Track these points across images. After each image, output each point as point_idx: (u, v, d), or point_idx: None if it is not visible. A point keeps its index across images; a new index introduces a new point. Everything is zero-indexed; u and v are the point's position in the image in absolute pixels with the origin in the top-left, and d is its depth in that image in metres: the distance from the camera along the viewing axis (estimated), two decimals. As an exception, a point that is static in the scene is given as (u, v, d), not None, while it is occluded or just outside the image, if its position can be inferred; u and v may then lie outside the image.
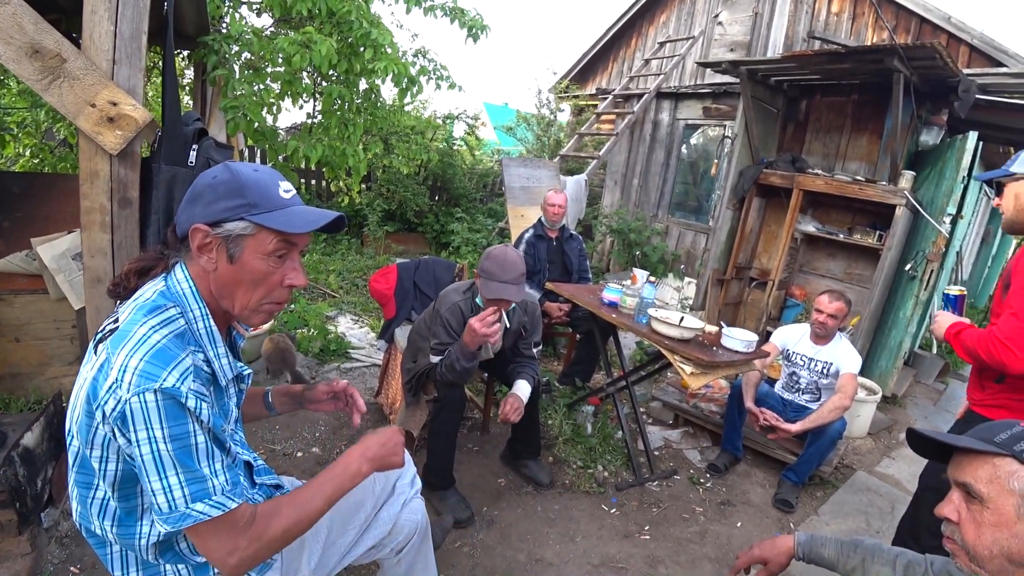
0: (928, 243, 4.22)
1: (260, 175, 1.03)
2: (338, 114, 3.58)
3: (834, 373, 3.05)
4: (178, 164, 1.65)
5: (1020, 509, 0.86)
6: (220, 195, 0.98)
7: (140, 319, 0.95)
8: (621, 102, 7.05)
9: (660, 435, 3.54)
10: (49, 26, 1.41)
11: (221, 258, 1.00)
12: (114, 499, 0.99)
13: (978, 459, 0.92)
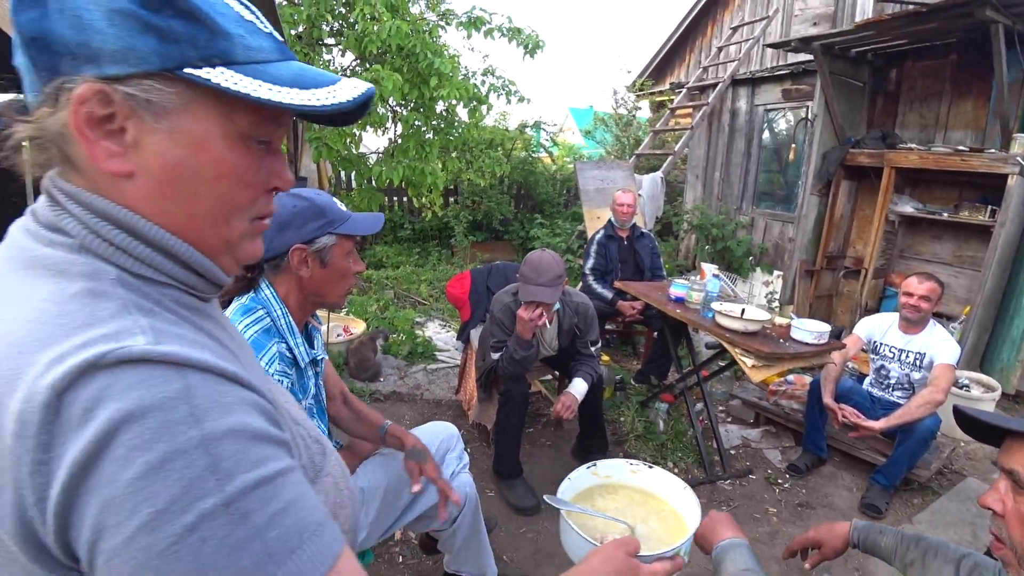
0: (1052, 216, 3.78)
1: (324, 197, 1.34)
2: (415, 137, 3.91)
3: (928, 365, 2.82)
4: None
5: None
6: (307, 219, 1.28)
7: (238, 320, 1.25)
8: (697, 94, 6.89)
9: (739, 434, 3.48)
10: None
11: (315, 266, 1.29)
12: None
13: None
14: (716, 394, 3.90)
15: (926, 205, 4.64)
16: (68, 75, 0.45)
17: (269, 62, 0.51)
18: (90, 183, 0.49)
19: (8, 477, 0.40)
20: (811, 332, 2.62)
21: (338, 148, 3.22)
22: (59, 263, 0.47)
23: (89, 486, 0.39)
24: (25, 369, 0.41)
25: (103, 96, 0.45)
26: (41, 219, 0.49)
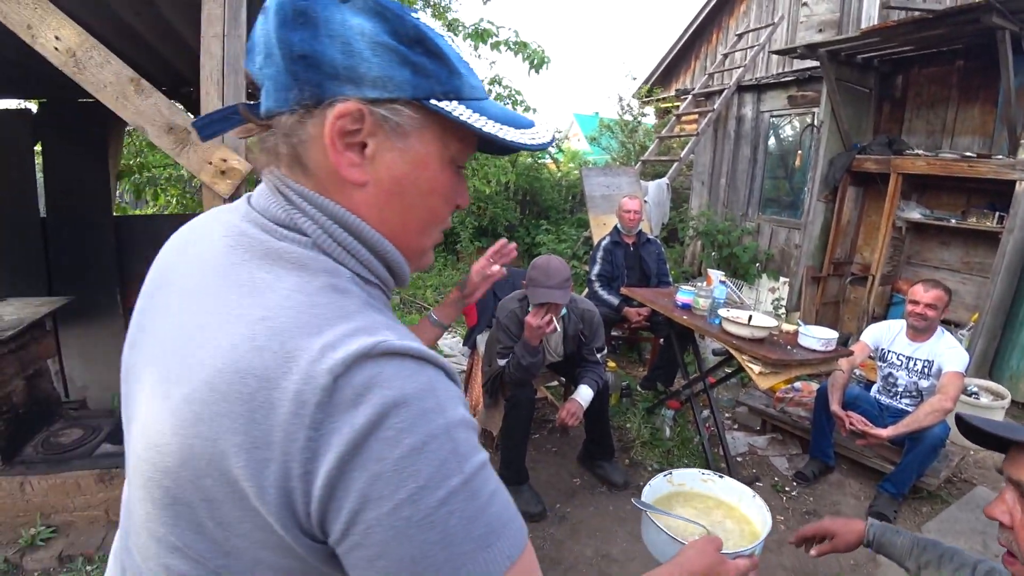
0: (1060, 223, 3.76)
1: None
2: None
3: (936, 373, 2.81)
4: None
5: None
6: None
7: None
8: (703, 100, 6.90)
9: (745, 441, 3.46)
10: (179, 108, 1.84)
11: None
12: None
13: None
14: (722, 401, 3.89)
15: (933, 211, 4.62)
16: (332, 92, 0.51)
17: (482, 99, 0.57)
18: (319, 186, 0.55)
19: (276, 451, 0.44)
20: (819, 339, 2.61)
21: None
22: (300, 258, 0.52)
23: (359, 462, 0.44)
24: (298, 353, 0.45)
25: (358, 114, 0.51)
26: (270, 215, 0.54)
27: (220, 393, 0.46)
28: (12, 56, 2.37)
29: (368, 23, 0.51)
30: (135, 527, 0.56)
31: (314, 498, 0.44)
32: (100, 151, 3.39)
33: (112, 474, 2.25)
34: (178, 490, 0.49)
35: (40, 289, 3.16)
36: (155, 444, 0.50)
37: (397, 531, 0.44)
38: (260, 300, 0.49)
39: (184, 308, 0.53)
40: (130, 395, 0.59)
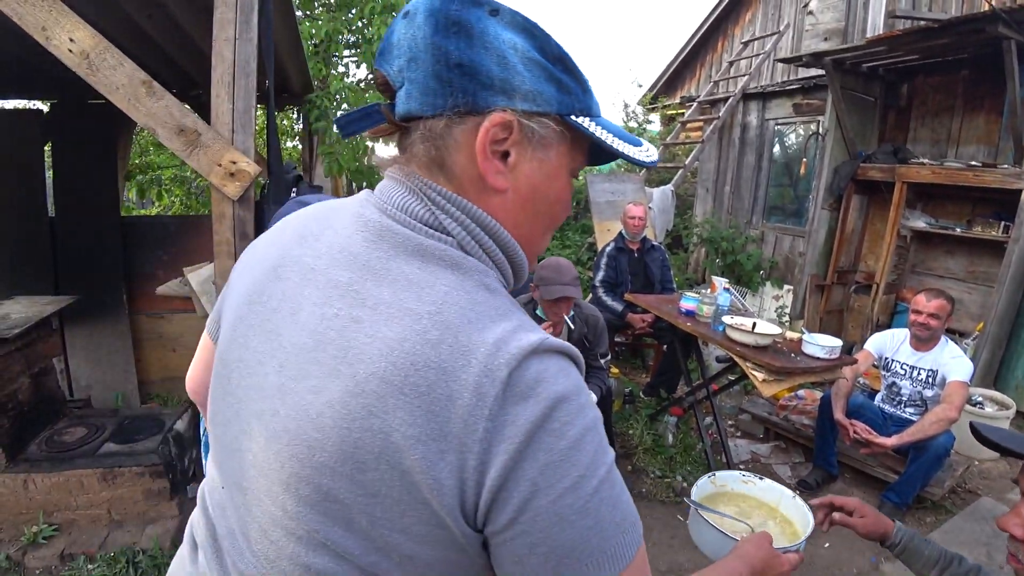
0: (1066, 233, 3.74)
1: None
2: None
3: (940, 382, 2.79)
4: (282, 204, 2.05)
5: None
6: None
7: None
8: (708, 108, 6.92)
9: (748, 448, 3.45)
10: (189, 110, 1.87)
11: None
12: None
13: None
14: (725, 408, 3.88)
15: (938, 220, 4.61)
16: (486, 102, 0.53)
17: (600, 117, 0.60)
18: (460, 189, 0.56)
19: (453, 443, 0.46)
20: (823, 347, 2.61)
21: (349, 164, 3.28)
22: (452, 256, 0.54)
23: (530, 452, 0.46)
24: (473, 347, 0.47)
25: (508, 124, 0.53)
26: (412, 214, 0.55)
27: (394, 386, 0.47)
28: (24, 56, 2.40)
29: (519, 38, 0.54)
30: (258, 526, 0.55)
31: (485, 488, 0.47)
32: (109, 151, 3.42)
33: (115, 473, 2.27)
34: (333, 486, 0.49)
35: (46, 287, 3.19)
36: (306, 440, 0.50)
37: (560, 517, 0.47)
38: (423, 295, 0.50)
39: (327, 301, 0.53)
40: (237, 390, 0.59)
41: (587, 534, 0.48)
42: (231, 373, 0.60)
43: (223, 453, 0.61)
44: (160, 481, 2.30)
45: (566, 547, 0.47)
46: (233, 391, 0.59)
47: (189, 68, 3.08)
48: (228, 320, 0.63)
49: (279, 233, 0.64)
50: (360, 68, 4.36)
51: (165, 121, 1.77)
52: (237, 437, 0.58)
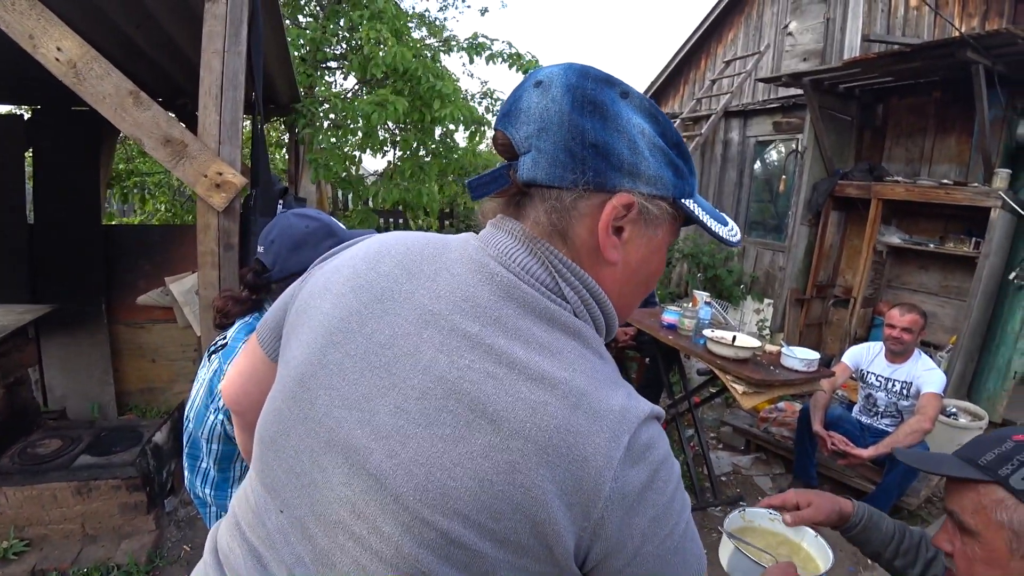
0: (1034, 248, 3.87)
1: (329, 217, 1.38)
2: (412, 160, 3.98)
3: (915, 394, 2.86)
4: (269, 216, 2.05)
5: (1012, 544, 0.75)
6: (320, 238, 1.30)
7: (242, 338, 1.27)
8: (691, 124, 7.05)
9: (729, 461, 3.49)
10: (176, 121, 1.87)
11: None
12: (214, 470, 1.32)
13: (965, 487, 0.81)
14: (707, 420, 3.92)
15: (912, 236, 4.74)
16: (614, 183, 0.57)
17: (697, 195, 0.65)
18: (575, 256, 0.60)
19: (583, 498, 0.51)
20: (801, 360, 2.66)
21: (338, 170, 3.28)
22: (573, 324, 0.58)
23: (641, 508, 0.53)
24: (604, 414, 0.53)
25: (630, 205, 0.57)
26: (535, 276, 0.58)
27: (539, 446, 0.51)
28: (7, 62, 2.38)
29: (646, 124, 0.58)
30: (351, 559, 0.55)
31: (601, 537, 0.53)
32: (92, 159, 3.39)
33: (90, 486, 2.22)
34: (462, 532, 0.51)
35: (23, 295, 3.13)
36: (439, 487, 0.52)
37: (661, 558, 0.55)
38: (556, 360, 0.54)
39: (455, 350, 0.55)
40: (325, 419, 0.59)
41: (680, 568, 0.57)
42: (315, 399, 0.60)
43: (285, 478, 0.61)
44: (137, 495, 2.26)
45: (678, 571, 0.57)
46: (319, 419, 0.59)
47: (177, 77, 3.08)
48: (309, 342, 0.63)
49: (372, 261, 0.64)
50: (348, 79, 4.39)
51: (151, 131, 1.78)
52: (314, 466, 0.59)
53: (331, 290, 0.64)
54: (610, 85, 0.58)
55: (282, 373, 0.66)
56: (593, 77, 0.58)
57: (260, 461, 0.66)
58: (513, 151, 0.58)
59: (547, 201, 0.58)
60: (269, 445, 0.64)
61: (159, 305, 3.27)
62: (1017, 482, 0.75)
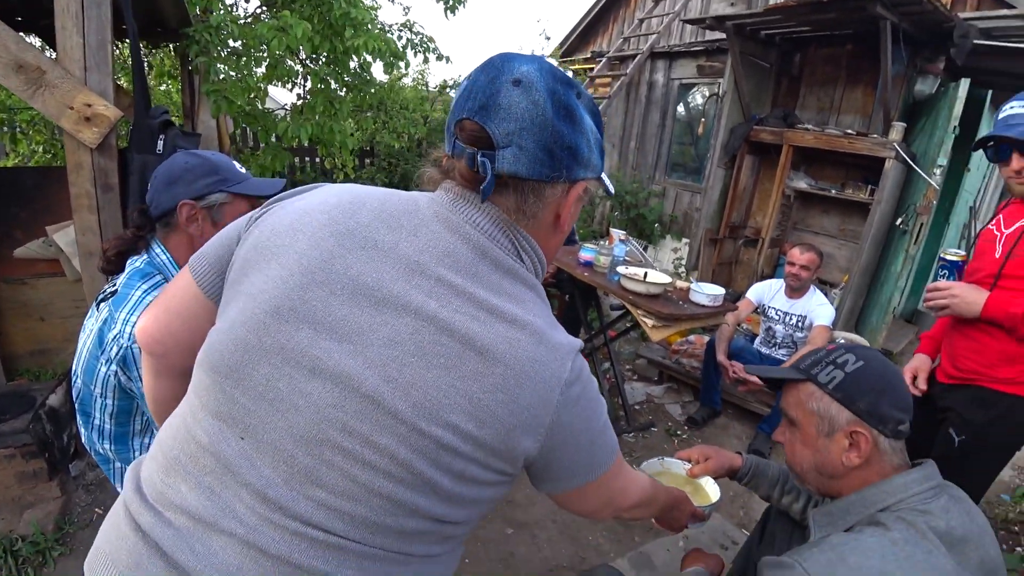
0: (920, 196, 4.19)
1: (221, 157, 1.29)
2: (325, 94, 3.72)
3: (808, 326, 3.12)
4: (148, 152, 1.86)
5: (820, 427, 0.96)
6: (198, 175, 1.23)
7: (135, 284, 1.18)
8: (617, 64, 6.99)
9: (643, 390, 3.70)
10: (29, 44, 1.63)
11: (206, 225, 1.24)
12: (110, 424, 1.25)
13: (790, 387, 1.02)
14: (624, 354, 4.12)
15: (817, 182, 5.02)
16: (577, 175, 0.72)
17: None
18: (534, 230, 0.74)
19: (540, 410, 0.68)
20: (708, 295, 2.81)
21: (241, 103, 3.01)
22: (530, 281, 0.73)
23: (577, 410, 0.71)
24: (556, 347, 0.69)
25: (586, 189, 0.75)
26: (500, 243, 0.71)
27: (515, 370, 0.65)
28: None
29: (592, 123, 0.73)
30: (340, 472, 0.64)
31: (550, 435, 0.69)
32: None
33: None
34: (452, 439, 0.64)
35: None
36: (436, 403, 0.64)
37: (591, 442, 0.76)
38: (522, 306, 0.69)
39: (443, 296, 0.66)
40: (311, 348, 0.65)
41: (601, 448, 0.78)
42: (296, 332, 0.66)
43: (251, 405, 0.66)
44: (35, 462, 2.10)
45: (596, 456, 0.77)
46: (301, 350, 0.65)
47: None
48: (284, 277, 0.67)
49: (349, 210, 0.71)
50: (249, 1, 3.99)
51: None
52: (293, 392, 0.65)
53: (304, 232, 0.69)
54: (571, 87, 0.70)
55: (242, 305, 0.69)
56: (560, 80, 0.69)
57: (211, 392, 0.69)
58: (485, 142, 0.66)
59: (522, 191, 0.70)
60: (228, 374, 0.67)
61: (42, 257, 2.98)
62: (823, 378, 0.96)
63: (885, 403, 0.93)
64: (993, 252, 1.65)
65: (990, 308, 1.57)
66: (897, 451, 0.94)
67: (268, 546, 0.63)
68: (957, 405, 1.71)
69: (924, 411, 1.86)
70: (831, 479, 0.97)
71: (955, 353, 1.73)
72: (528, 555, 2.23)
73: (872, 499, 0.92)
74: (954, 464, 1.67)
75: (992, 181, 6.40)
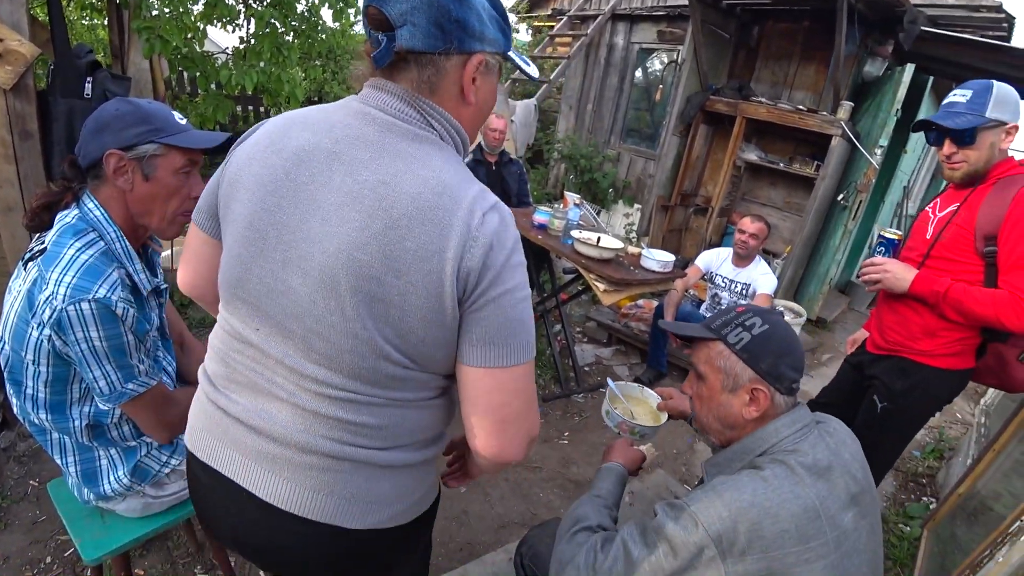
0: (860, 174, 4.37)
1: (156, 106, 1.19)
2: (271, 38, 3.48)
3: (752, 294, 3.23)
4: (74, 96, 1.69)
5: (724, 382, 1.04)
6: (128, 123, 1.13)
7: (68, 241, 1.09)
8: (578, 23, 6.86)
9: (593, 352, 3.79)
10: None
11: (137, 178, 1.16)
12: (44, 393, 1.16)
13: (701, 344, 1.09)
14: (574, 317, 4.19)
15: (767, 155, 5.15)
16: (470, 46, 0.79)
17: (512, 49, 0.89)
18: (440, 102, 0.82)
19: (453, 253, 0.74)
20: (658, 261, 2.88)
21: (176, 43, 2.77)
22: (437, 142, 0.81)
23: (491, 259, 0.76)
24: (462, 197, 0.76)
25: (484, 62, 0.82)
26: (408, 116, 0.80)
27: (418, 220, 0.74)
28: None
29: (485, 1, 0.80)
30: (319, 337, 0.79)
31: (468, 281, 0.76)
32: None
33: None
34: (378, 290, 0.75)
35: None
36: (357, 261, 0.74)
37: (512, 309, 0.79)
38: (427, 164, 0.77)
39: (355, 171, 0.77)
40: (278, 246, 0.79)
41: (519, 325, 0.80)
42: (266, 236, 0.80)
43: (256, 301, 0.82)
44: None
45: (509, 327, 0.80)
46: (272, 248, 0.80)
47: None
48: (249, 198, 0.82)
49: (283, 130, 0.83)
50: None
51: None
52: (278, 282, 0.80)
53: (256, 158, 0.83)
54: None
55: (232, 231, 0.84)
56: None
57: (230, 303, 0.87)
58: (385, 24, 0.76)
59: (421, 64, 0.79)
60: (236, 285, 0.84)
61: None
62: (731, 338, 1.04)
63: (784, 364, 1.01)
64: (925, 233, 1.76)
65: (917, 285, 1.68)
66: (789, 406, 1.05)
67: (304, 403, 0.82)
68: (882, 374, 1.84)
69: (852, 378, 2.01)
70: (730, 429, 1.06)
71: (883, 326, 1.85)
72: (481, 512, 2.29)
73: (751, 446, 1.02)
74: (876, 427, 1.82)
75: (925, 164, 6.77)
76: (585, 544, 1.02)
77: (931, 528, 2.39)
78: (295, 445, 0.84)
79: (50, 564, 1.82)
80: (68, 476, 1.31)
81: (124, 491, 1.31)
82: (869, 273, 1.79)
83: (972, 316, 1.60)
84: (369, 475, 0.86)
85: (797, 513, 0.88)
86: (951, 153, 1.64)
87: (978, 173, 1.63)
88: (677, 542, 0.89)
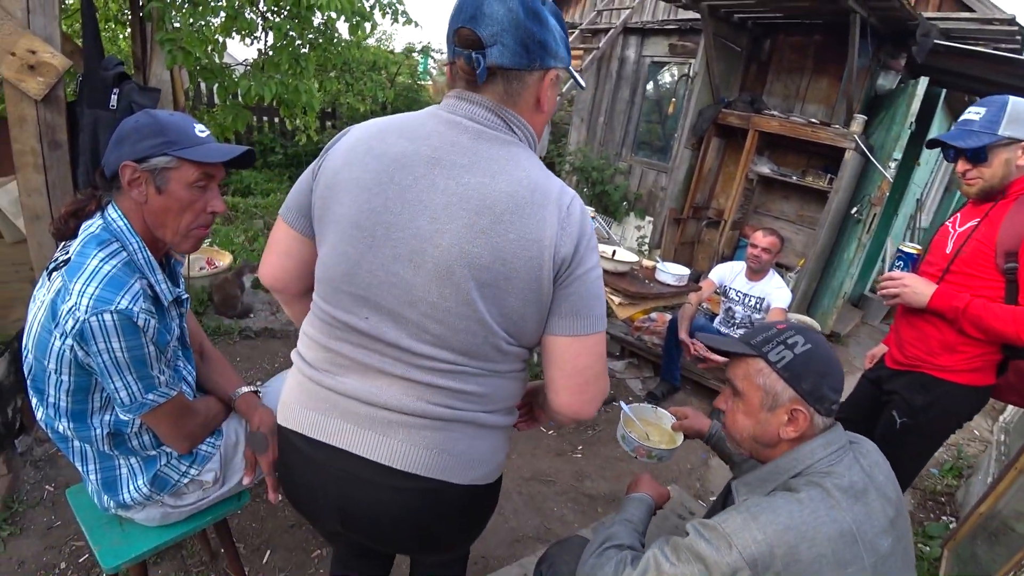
0: (874, 187, 4.35)
1: (176, 118, 1.19)
2: (289, 50, 3.53)
3: (766, 308, 3.21)
4: (100, 107, 1.72)
5: (764, 401, 1.02)
6: (144, 135, 1.13)
7: (91, 252, 1.10)
8: (589, 37, 6.91)
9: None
10: None
11: (150, 190, 1.16)
12: (66, 402, 1.16)
13: (740, 360, 1.07)
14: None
15: (780, 168, 5.14)
16: (548, 63, 0.92)
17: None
18: (520, 111, 0.95)
19: (550, 240, 0.88)
20: (673, 275, 2.87)
21: (197, 54, 2.82)
22: (522, 146, 0.95)
23: (581, 240, 0.90)
24: (550, 192, 0.90)
25: (557, 76, 0.95)
26: (494, 124, 0.93)
27: (516, 214, 0.87)
28: None
29: (555, 23, 0.92)
30: (433, 320, 0.91)
31: (560, 260, 0.89)
32: None
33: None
34: (488, 277, 0.88)
35: None
36: (470, 252, 0.87)
37: (592, 286, 0.94)
38: (518, 165, 0.90)
39: (457, 175, 0.89)
40: (387, 243, 0.90)
41: (595, 301, 0.95)
42: (375, 233, 0.90)
43: (365, 292, 0.92)
44: None
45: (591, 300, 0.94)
46: (381, 244, 0.90)
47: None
48: (353, 199, 0.91)
49: (378, 137, 0.94)
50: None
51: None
52: (389, 275, 0.90)
53: (354, 163, 0.92)
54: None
55: (335, 230, 0.94)
56: None
57: (332, 296, 0.96)
58: (476, 43, 0.87)
59: (508, 79, 0.91)
60: (343, 279, 0.93)
61: (-24, 217, 2.75)
62: (773, 356, 1.03)
63: (826, 386, 1.00)
64: (945, 247, 1.74)
65: (936, 300, 1.66)
66: (826, 426, 1.03)
67: (418, 378, 0.94)
68: (901, 389, 1.82)
69: (871, 394, 1.99)
70: (765, 447, 1.05)
71: (902, 341, 1.83)
72: (495, 525, 2.27)
73: (785, 467, 1.01)
74: (895, 443, 1.80)
75: (938, 176, 6.72)
76: (614, 558, 1.01)
77: (951, 548, 2.34)
78: (411, 412, 0.95)
79: (65, 570, 1.82)
80: (88, 483, 1.32)
81: (144, 500, 1.31)
82: (888, 287, 1.78)
83: (992, 333, 1.58)
84: (474, 434, 0.99)
85: (834, 537, 0.87)
86: (965, 170, 1.65)
87: (995, 189, 1.62)
88: (711, 562, 0.88)
